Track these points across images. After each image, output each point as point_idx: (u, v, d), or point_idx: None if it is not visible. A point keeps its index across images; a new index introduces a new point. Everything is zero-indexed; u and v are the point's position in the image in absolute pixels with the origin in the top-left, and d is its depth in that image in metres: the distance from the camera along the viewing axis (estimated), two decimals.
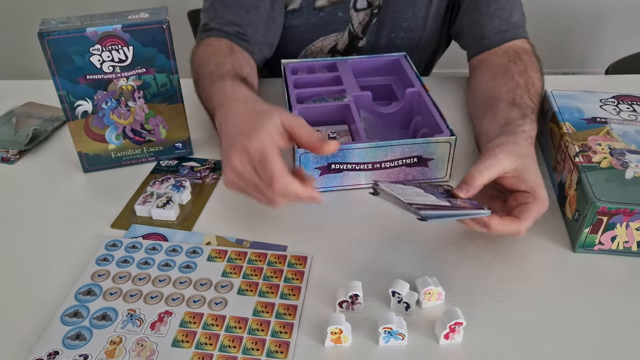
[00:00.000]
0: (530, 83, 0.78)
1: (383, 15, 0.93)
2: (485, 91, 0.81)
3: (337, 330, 0.52)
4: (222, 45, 0.82)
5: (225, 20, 0.85)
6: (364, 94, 0.80)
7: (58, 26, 0.67)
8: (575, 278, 0.61)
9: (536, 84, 0.78)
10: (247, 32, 0.85)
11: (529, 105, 0.73)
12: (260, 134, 0.56)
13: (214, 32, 0.85)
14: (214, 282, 0.60)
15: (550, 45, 2.25)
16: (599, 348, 0.53)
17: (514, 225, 0.59)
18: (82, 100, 0.72)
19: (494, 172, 0.60)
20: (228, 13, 0.85)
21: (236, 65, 0.77)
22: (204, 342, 0.54)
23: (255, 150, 0.55)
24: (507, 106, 0.73)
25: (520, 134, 0.67)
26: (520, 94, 0.75)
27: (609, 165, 0.64)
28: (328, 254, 0.64)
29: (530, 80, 0.78)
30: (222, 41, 0.83)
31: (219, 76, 0.72)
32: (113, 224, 0.69)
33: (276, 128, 0.57)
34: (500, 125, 0.70)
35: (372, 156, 0.69)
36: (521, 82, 0.77)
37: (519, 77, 0.78)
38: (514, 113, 0.72)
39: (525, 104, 0.73)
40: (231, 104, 0.64)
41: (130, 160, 0.79)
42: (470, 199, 0.60)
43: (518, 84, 0.77)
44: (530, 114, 0.72)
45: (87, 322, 0.56)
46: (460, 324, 0.52)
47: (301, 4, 0.91)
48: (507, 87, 0.77)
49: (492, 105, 0.76)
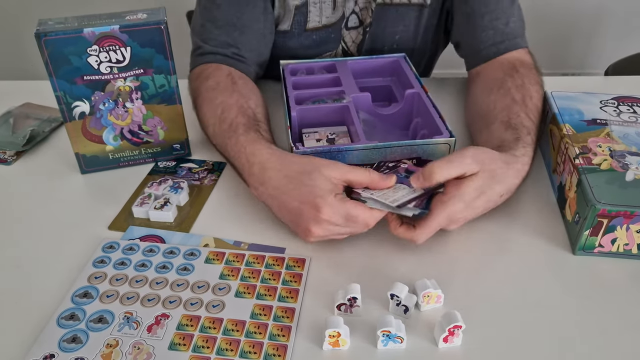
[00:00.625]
0: (528, 97, 0.76)
1: (374, 32, 0.92)
2: (480, 106, 0.80)
3: (335, 333, 0.52)
4: (222, 77, 0.79)
5: (219, 42, 0.83)
6: (363, 95, 0.79)
7: (55, 27, 0.67)
8: (575, 281, 0.60)
9: (534, 97, 0.76)
10: (243, 53, 0.84)
11: (525, 125, 0.71)
12: (325, 198, 0.58)
13: (210, 56, 0.83)
14: (212, 285, 0.60)
15: (550, 47, 2.26)
16: (599, 351, 0.53)
17: (408, 233, 0.60)
18: (80, 101, 0.71)
19: (454, 172, 0.59)
20: (222, 34, 0.83)
21: (243, 102, 0.75)
22: (201, 345, 0.53)
23: (331, 213, 0.58)
24: (501, 127, 0.72)
25: (508, 156, 0.65)
26: (517, 112, 0.73)
27: (610, 168, 0.64)
28: (326, 256, 0.63)
29: (527, 94, 0.76)
30: (221, 70, 0.81)
31: (230, 126, 0.71)
32: (110, 225, 0.68)
33: (332, 183, 0.59)
34: (493, 148, 0.67)
35: (372, 157, 0.69)
36: (518, 98, 0.75)
37: (515, 92, 0.76)
38: (507, 135, 0.70)
39: (521, 123, 0.71)
40: (263, 172, 0.64)
41: (128, 161, 0.78)
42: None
43: (515, 100, 0.75)
44: (525, 135, 0.70)
45: (83, 324, 0.55)
46: (459, 327, 0.52)
47: (291, 27, 0.89)
48: (503, 103, 0.75)
49: (487, 124, 0.74)
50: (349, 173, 0.60)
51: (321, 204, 0.58)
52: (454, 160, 0.60)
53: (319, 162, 0.61)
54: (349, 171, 0.60)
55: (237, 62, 0.84)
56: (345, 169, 0.60)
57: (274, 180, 0.63)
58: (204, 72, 0.82)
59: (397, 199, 0.59)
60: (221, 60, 0.83)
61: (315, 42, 0.92)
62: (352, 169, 0.60)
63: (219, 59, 0.83)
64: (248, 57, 0.85)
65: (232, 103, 0.75)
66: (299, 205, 0.60)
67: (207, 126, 0.76)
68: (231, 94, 0.76)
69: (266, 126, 0.74)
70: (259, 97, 0.80)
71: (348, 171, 0.60)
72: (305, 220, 0.59)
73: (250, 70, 0.85)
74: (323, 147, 0.68)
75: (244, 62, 0.84)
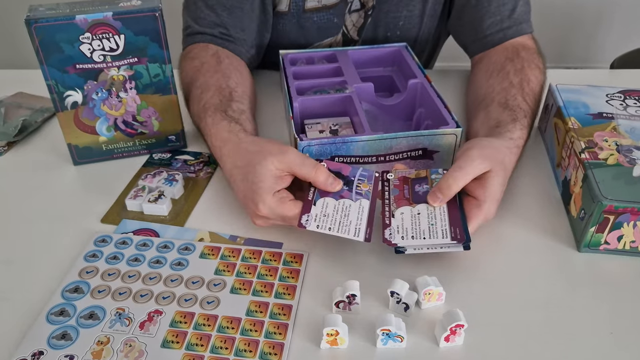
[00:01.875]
0: (525, 81, 0.75)
1: (377, 16, 0.90)
2: (479, 89, 0.79)
3: (333, 332, 0.50)
4: (208, 57, 0.79)
5: (208, 21, 0.82)
6: (365, 85, 0.77)
7: (46, 13, 0.65)
8: (580, 278, 0.59)
9: (532, 81, 0.76)
10: (232, 33, 0.82)
11: (522, 107, 0.71)
12: (264, 198, 0.58)
13: (198, 36, 0.82)
14: (206, 280, 0.58)
15: (553, 39, 2.23)
16: (605, 351, 0.51)
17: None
18: (72, 90, 0.69)
19: (468, 178, 0.58)
20: (211, 14, 0.82)
21: (222, 82, 0.74)
22: (195, 342, 0.52)
23: (268, 212, 0.58)
24: (498, 108, 0.72)
25: (506, 141, 0.65)
26: (514, 95, 0.73)
27: (616, 162, 0.62)
28: (325, 252, 0.61)
29: (525, 78, 0.76)
30: (208, 49, 0.80)
31: (203, 107, 0.71)
32: (103, 218, 0.66)
33: (273, 180, 0.58)
34: (490, 128, 0.69)
35: (376, 149, 0.67)
36: (515, 81, 0.75)
37: (514, 76, 0.76)
38: (504, 116, 0.70)
39: (518, 105, 0.71)
40: (221, 158, 0.66)
41: (122, 152, 0.76)
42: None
43: (512, 84, 0.75)
44: (522, 118, 0.70)
45: (73, 321, 0.54)
46: (461, 326, 0.50)
47: (289, 6, 0.88)
48: (501, 86, 0.75)
49: (484, 106, 0.74)
50: (296, 166, 0.59)
51: (258, 202, 0.58)
52: (465, 166, 0.58)
53: (268, 150, 0.59)
54: (296, 164, 0.58)
55: (226, 42, 0.82)
56: (293, 162, 0.58)
57: (227, 169, 0.65)
58: (191, 52, 0.81)
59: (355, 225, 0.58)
60: (209, 40, 0.82)
61: (316, 25, 0.90)
62: (301, 163, 0.59)
63: (207, 39, 0.82)
64: (238, 38, 0.83)
65: (212, 83, 0.74)
66: (243, 197, 0.61)
67: (190, 107, 0.77)
68: (213, 74, 0.76)
69: (241, 105, 0.72)
70: (242, 76, 0.79)
71: (295, 164, 0.58)
72: (249, 211, 0.61)
73: (241, 50, 0.83)
74: (328, 139, 0.66)
75: (234, 42, 0.82)
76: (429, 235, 0.57)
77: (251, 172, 0.59)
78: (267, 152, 0.59)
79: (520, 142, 0.67)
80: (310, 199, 0.59)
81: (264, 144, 0.62)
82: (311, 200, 0.59)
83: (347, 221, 0.58)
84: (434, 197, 0.59)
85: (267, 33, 0.88)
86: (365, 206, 0.59)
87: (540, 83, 0.78)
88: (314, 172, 0.59)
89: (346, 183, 0.61)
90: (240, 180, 0.61)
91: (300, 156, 0.59)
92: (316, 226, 0.57)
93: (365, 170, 0.63)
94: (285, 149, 0.59)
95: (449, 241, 0.56)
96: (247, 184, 0.60)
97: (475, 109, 0.76)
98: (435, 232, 0.57)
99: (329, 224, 0.57)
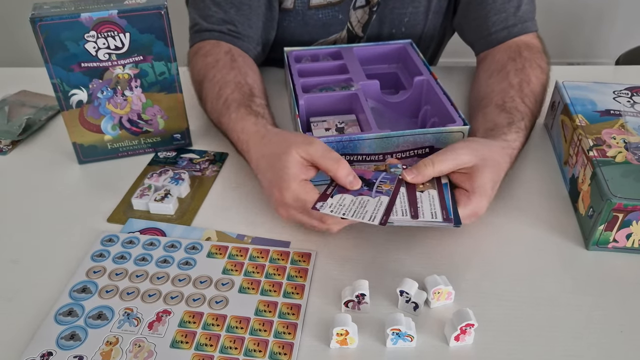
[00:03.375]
0: (525, 82, 0.75)
1: (382, 12, 0.90)
2: (480, 89, 0.79)
3: (343, 331, 0.50)
4: (222, 54, 0.79)
5: (216, 19, 0.82)
6: (371, 82, 0.77)
7: (51, 11, 0.64)
8: (589, 277, 0.59)
9: (532, 82, 0.75)
10: (241, 30, 0.82)
11: (520, 109, 0.71)
12: (290, 184, 0.58)
13: (206, 34, 0.82)
14: (214, 280, 0.58)
15: (555, 34, 2.22)
16: (615, 349, 0.51)
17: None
18: (77, 89, 0.69)
19: (447, 166, 0.58)
20: (219, 11, 0.82)
21: (240, 79, 0.75)
22: (204, 343, 0.52)
23: (292, 200, 0.58)
24: (495, 110, 0.71)
25: (500, 142, 0.65)
26: (512, 96, 0.72)
27: (625, 160, 0.62)
28: (333, 251, 0.61)
29: (525, 78, 0.75)
30: (220, 46, 0.80)
31: (225, 103, 0.72)
32: (109, 218, 0.66)
33: (299, 167, 0.58)
34: (486, 130, 0.69)
35: (383, 147, 0.67)
36: (515, 82, 0.75)
37: (514, 76, 0.76)
38: (501, 119, 0.69)
39: (516, 108, 0.71)
40: (248, 152, 0.66)
41: (127, 151, 0.76)
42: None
43: (511, 84, 0.74)
44: (519, 120, 0.69)
45: (81, 321, 0.53)
46: (472, 325, 0.50)
47: (295, 4, 0.87)
48: (500, 86, 0.75)
49: (483, 107, 0.74)
50: (319, 158, 0.58)
51: (283, 188, 0.58)
52: (446, 153, 0.59)
53: (294, 140, 0.60)
54: (319, 156, 0.58)
55: (235, 39, 0.82)
56: (317, 153, 0.58)
57: (254, 159, 0.65)
58: (202, 49, 0.81)
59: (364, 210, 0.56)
60: (218, 37, 0.82)
61: (321, 22, 0.90)
62: (325, 155, 0.58)
63: (216, 36, 0.82)
64: (246, 35, 0.83)
65: (230, 80, 0.74)
66: (268, 184, 0.61)
67: (206, 102, 0.77)
68: (229, 71, 0.76)
69: (262, 101, 0.74)
70: (255, 74, 0.79)
71: (318, 156, 0.58)
72: (274, 201, 0.61)
73: (249, 47, 0.83)
74: (335, 137, 0.66)
75: (242, 40, 0.82)
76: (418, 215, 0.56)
77: (278, 160, 0.59)
78: (293, 142, 0.60)
79: (515, 144, 0.66)
80: (328, 193, 0.58)
81: (290, 135, 0.62)
82: (329, 194, 0.57)
83: (363, 210, 0.56)
84: (408, 171, 0.59)
85: (272, 30, 0.88)
86: (385, 201, 0.57)
87: (541, 83, 0.77)
88: (336, 165, 0.58)
89: (367, 184, 0.60)
90: (266, 168, 0.61)
91: (325, 148, 0.59)
92: (330, 210, 0.55)
93: (389, 174, 0.62)
94: (310, 140, 0.60)
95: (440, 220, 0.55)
96: (273, 171, 0.60)
97: (475, 109, 0.76)
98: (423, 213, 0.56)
99: (343, 210, 0.56)
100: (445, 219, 0.55)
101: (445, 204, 0.57)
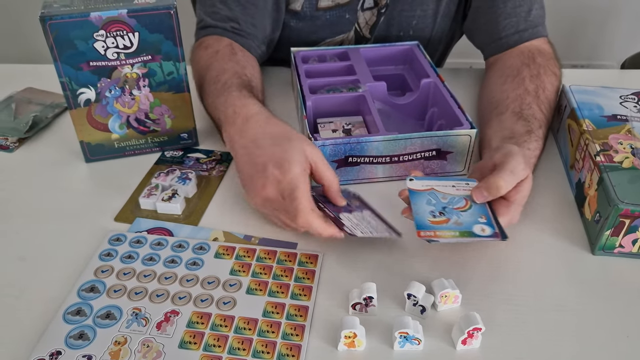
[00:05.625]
0: (541, 88, 0.75)
1: (390, 14, 0.90)
2: (493, 94, 0.78)
3: (351, 334, 0.50)
4: (222, 46, 0.79)
5: (221, 16, 0.82)
6: (378, 84, 0.77)
7: (61, 10, 0.64)
8: (595, 282, 0.59)
9: (547, 89, 0.75)
10: (244, 27, 0.82)
11: (537, 117, 0.71)
12: (293, 167, 0.57)
13: (210, 29, 0.82)
14: (222, 281, 0.58)
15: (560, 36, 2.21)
16: (621, 355, 0.52)
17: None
18: (85, 87, 0.69)
19: (516, 181, 0.57)
20: (224, 9, 0.82)
21: (238, 69, 0.74)
22: (213, 343, 0.52)
23: (288, 183, 0.57)
24: (513, 117, 0.71)
25: (525, 151, 0.64)
26: (529, 103, 0.72)
27: (632, 166, 0.62)
28: (340, 253, 0.61)
29: (541, 85, 0.75)
30: (222, 40, 0.80)
31: (224, 85, 0.71)
32: (117, 217, 0.66)
33: (305, 160, 0.58)
34: (504, 138, 0.68)
35: (391, 149, 0.67)
36: (531, 88, 0.75)
37: (529, 82, 0.75)
38: (519, 127, 0.69)
39: (533, 115, 0.71)
40: (245, 123, 0.64)
41: (134, 150, 0.76)
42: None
43: (527, 91, 0.74)
44: (537, 128, 0.69)
45: (90, 320, 0.54)
46: (479, 329, 0.50)
47: (302, 6, 0.87)
48: (516, 92, 0.75)
49: (498, 113, 0.73)
50: (321, 161, 0.60)
51: (285, 167, 0.57)
52: (516, 171, 0.57)
53: (302, 136, 0.61)
54: (322, 159, 0.60)
55: (238, 36, 0.82)
56: (321, 156, 0.60)
57: (254, 133, 0.62)
58: (204, 42, 0.82)
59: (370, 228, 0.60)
60: (221, 33, 0.82)
61: (329, 22, 0.90)
62: (325, 162, 0.60)
63: (219, 32, 0.82)
64: (249, 33, 0.83)
65: (229, 68, 0.74)
66: (266, 161, 0.58)
67: (202, 88, 0.76)
68: (228, 61, 0.76)
69: (260, 94, 0.74)
70: (254, 70, 0.79)
71: (321, 159, 0.60)
72: (264, 178, 0.58)
73: (251, 45, 0.83)
74: (342, 139, 0.66)
75: (245, 37, 0.82)
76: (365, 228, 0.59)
77: (287, 141, 0.59)
78: (301, 137, 0.61)
79: (537, 153, 0.67)
80: (332, 216, 0.58)
81: (294, 130, 0.63)
82: (334, 217, 0.58)
83: (373, 226, 0.59)
84: (478, 194, 0.58)
85: (277, 31, 0.88)
86: (367, 214, 0.62)
87: (555, 90, 0.77)
88: (333, 176, 0.60)
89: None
90: (269, 144, 0.60)
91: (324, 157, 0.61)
92: (360, 232, 0.57)
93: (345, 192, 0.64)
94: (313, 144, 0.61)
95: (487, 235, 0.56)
96: (278, 148, 0.59)
97: (489, 115, 0.75)
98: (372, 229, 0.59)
99: (365, 229, 0.58)
100: (492, 234, 0.56)
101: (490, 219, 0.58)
